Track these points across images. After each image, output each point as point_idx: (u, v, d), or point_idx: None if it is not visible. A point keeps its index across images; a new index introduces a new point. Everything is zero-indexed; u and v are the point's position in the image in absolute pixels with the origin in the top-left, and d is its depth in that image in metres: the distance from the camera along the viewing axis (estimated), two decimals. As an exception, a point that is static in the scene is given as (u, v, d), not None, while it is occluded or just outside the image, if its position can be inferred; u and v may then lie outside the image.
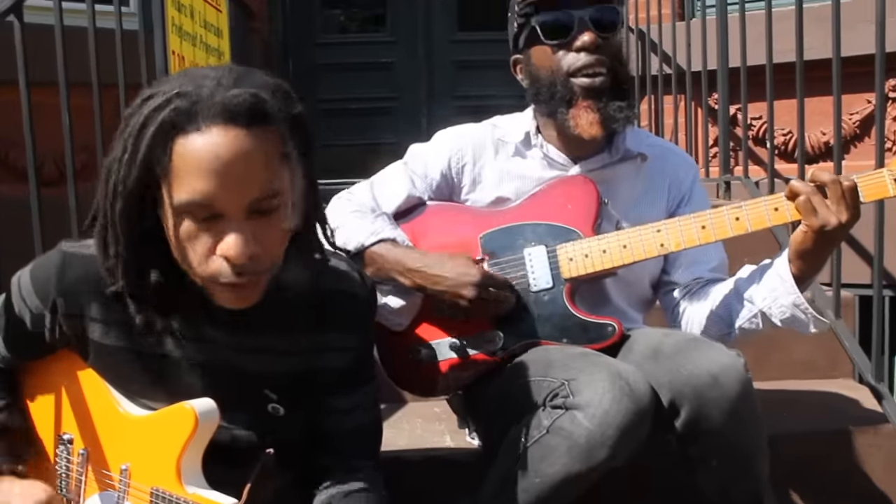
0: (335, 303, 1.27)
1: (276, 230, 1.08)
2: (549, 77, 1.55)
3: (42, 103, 1.98)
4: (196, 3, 2.99)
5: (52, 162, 3.19)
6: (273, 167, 1.05)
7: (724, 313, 1.55)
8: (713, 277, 1.63)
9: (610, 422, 1.27)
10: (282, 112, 1.07)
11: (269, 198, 1.05)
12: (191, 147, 1.02)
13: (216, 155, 1.02)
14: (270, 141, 1.05)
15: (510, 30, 1.64)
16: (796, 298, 1.44)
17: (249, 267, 1.06)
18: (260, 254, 1.06)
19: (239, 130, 1.03)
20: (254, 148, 1.03)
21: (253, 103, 1.04)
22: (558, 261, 1.53)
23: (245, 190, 1.03)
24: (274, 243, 1.09)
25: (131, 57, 2.38)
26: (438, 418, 1.96)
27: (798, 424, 1.91)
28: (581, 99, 1.53)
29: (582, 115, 1.53)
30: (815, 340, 2.23)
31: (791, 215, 1.43)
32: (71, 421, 1.26)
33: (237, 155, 1.02)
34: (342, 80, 4.66)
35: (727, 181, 2.95)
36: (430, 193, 1.67)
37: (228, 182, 1.02)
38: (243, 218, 1.04)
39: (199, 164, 1.02)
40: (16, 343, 1.27)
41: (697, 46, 3.14)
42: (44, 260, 1.22)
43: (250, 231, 1.05)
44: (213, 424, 1.15)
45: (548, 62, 1.55)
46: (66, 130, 2.08)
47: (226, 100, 1.03)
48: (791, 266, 1.44)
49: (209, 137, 1.02)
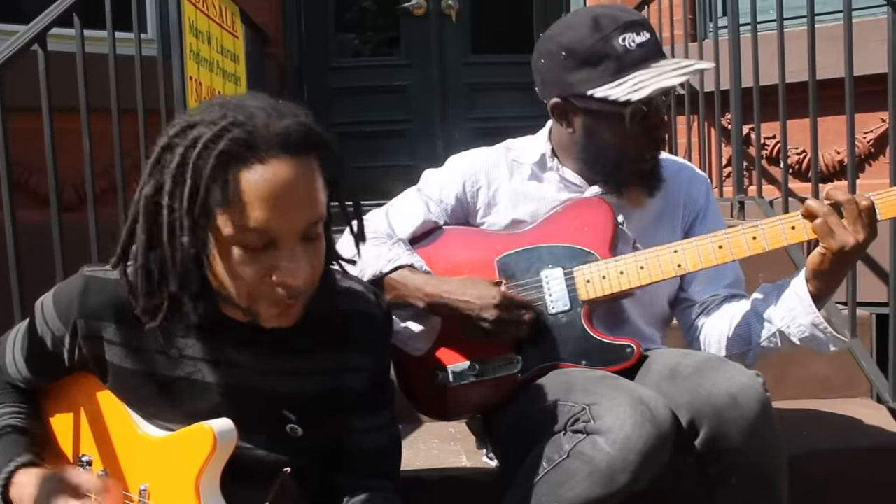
0: (353, 323, 1.29)
1: (319, 253, 1.13)
2: (617, 157, 1.56)
3: (61, 129, 2.02)
4: (213, 29, 3.04)
5: (72, 187, 3.23)
6: (319, 193, 1.10)
7: (744, 332, 1.55)
8: (730, 294, 1.63)
9: (631, 447, 1.26)
10: (320, 139, 1.11)
11: (317, 223, 1.10)
12: (251, 177, 1.04)
13: (275, 184, 1.05)
14: (315, 168, 1.10)
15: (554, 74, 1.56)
16: (815, 318, 1.44)
17: (302, 290, 1.10)
18: (310, 276, 1.10)
19: (293, 159, 1.07)
20: (305, 175, 1.08)
21: (304, 132, 1.08)
22: (575, 283, 1.53)
23: (301, 217, 1.08)
24: (318, 265, 1.13)
25: (150, 83, 2.42)
26: (454, 438, 1.96)
27: (818, 443, 1.89)
28: (639, 177, 1.59)
29: (634, 191, 1.60)
30: (833, 359, 2.22)
31: (808, 234, 1.42)
32: (90, 442, 1.28)
33: (294, 183, 1.06)
34: (357, 103, 4.70)
35: (741, 201, 2.95)
36: (445, 217, 1.67)
37: (286, 210, 1.06)
38: (297, 244, 1.08)
39: (259, 194, 1.04)
40: (37, 365, 1.29)
41: (710, 67, 3.15)
42: (66, 284, 1.25)
43: (303, 256, 1.09)
44: (231, 444, 1.16)
45: (619, 143, 1.54)
46: (86, 156, 2.12)
47: (281, 129, 1.06)
48: (809, 286, 1.44)
49: (270, 168, 1.05)
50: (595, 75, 1.51)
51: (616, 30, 1.49)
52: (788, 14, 2.58)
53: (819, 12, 2.44)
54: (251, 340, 1.22)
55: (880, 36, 2.13)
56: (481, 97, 4.70)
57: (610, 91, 1.49)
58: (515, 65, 1.67)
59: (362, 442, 1.32)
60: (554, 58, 1.56)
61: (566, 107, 1.57)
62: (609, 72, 1.49)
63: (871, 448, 1.88)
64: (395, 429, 1.38)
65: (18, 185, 3.27)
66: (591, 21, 1.51)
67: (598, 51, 1.50)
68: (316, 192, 1.10)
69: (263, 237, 1.07)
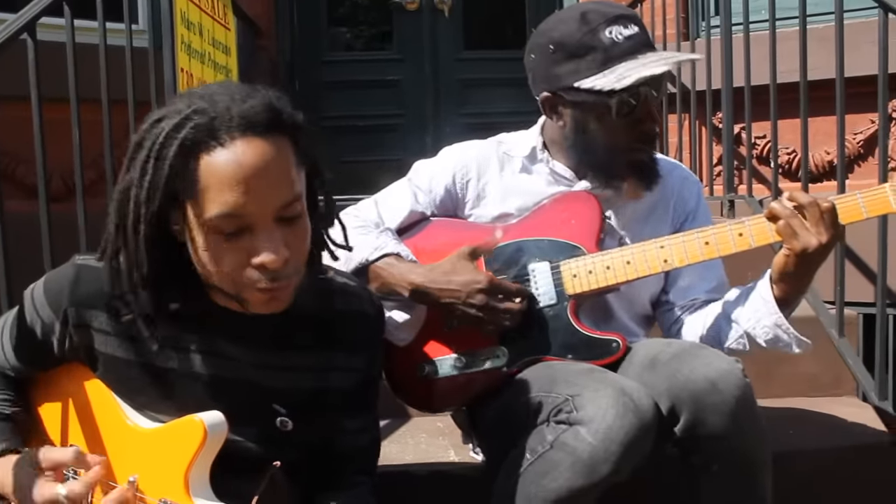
0: (345, 322, 1.29)
1: (300, 234, 1.11)
2: (607, 151, 1.56)
3: (50, 119, 2.01)
4: (205, 21, 3.03)
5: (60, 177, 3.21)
6: (292, 172, 1.09)
7: (714, 333, 1.56)
8: (709, 298, 1.64)
9: (613, 437, 1.27)
10: (291, 119, 1.10)
11: (292, 203, 1.08)
12: (215, 162, 1.04)
13: (241, 165, 1.04)
14: (287, 147, 1.09)
15: (544, 68, 1.58)
16: (777, 319, 1.45)
17: (283, 272, 1.09)
18: (291, 258, 1.09)
19: (259, 139, 1.05)
20: (274, 155, 1.06)
21: (269, 112, 1.07)
22: (562, 277, 1.53)
23: (272, 197, 1.06)
24: (300, 247, 1.12)
25: (141, 74, 2.41)
26: (442, 433, 1.96)
27: (804, 441, 1.91)
28: (633, 170, 1.58)
29: (628, 184, 1.60)
30: (820, 358, 2.23)
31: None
32: (78, 433, 1.27)
33: (261, 164, 1.05)
34: (349, 97, 4.69)
35: (731, 200, 2.96)
36: (433, 209, 1.67)
37: (256, 191, 1.05)
38: (272, 225, 1.07)
39: (225, 177, 1.04)
40: (26, 353, 1.28)
41: (702, 66, 3.17)
42: (57, 272, 1.24)
43: (280, 237, 1.07)
44: (221, 437, 1.16)
45: (608, 136, 1.55)
46: (76, 147, 2.11)
47: (243, 111, 1.06)
48: (774, 288, 1.45)
49: (232, 149, 1.04)
50: (582, 67, 1.52)
51: (603, 23, 1.50)
52: (780, 14, 2.60)
53: (811, 13, 2.46)
54: (243, 333, 1.22)
55: (871, 38, 2.14)
56: (473, 93, 4.70)
57: (596, 81, 1.50)
58: (508, 60, 1.67)
59: (348, 442, 1.32)
60: (543, 52, 1.57)
61: (555, 101, 1.58)
62: (595, 63, 1.50)
63: (857, 446, 1.90)
64: (377, 431, 1.39)
65: (5, 175, 3.26)
66: (580, 15, 1.53)
67: (585, 43, 1.51)
68: (287, 171, 1.08)
69: (237, 221, 1.06)
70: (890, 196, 1.41)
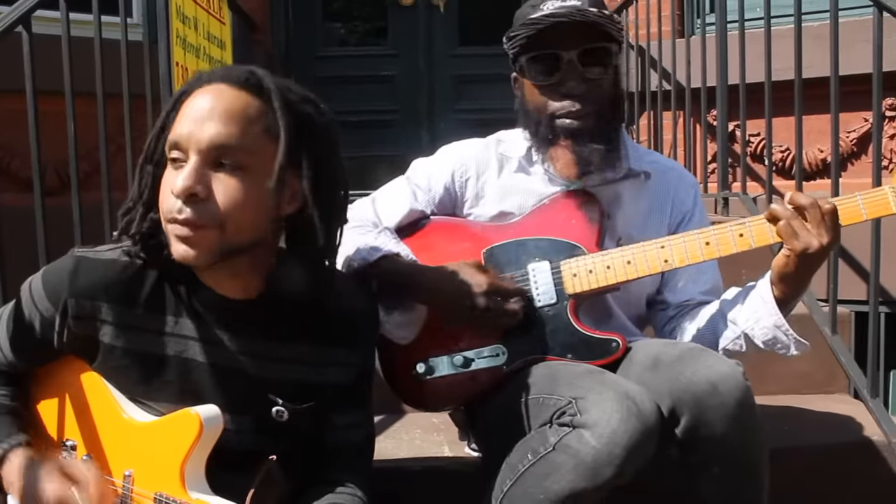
0: (342, 318, 1.29)
1: (232, 189, 1.12)
2: (535, 115, 1.58)
3: (44, 112, 2.00)
4: (200, 15, 3.02)
5: (54, 170, 3.20)
6: (247, 127, 1.13)
7: (710, 334, 1.56)
8: (704, 300, 1.64)
9: (617, 441, 1.27)
10: (280, 96, 1.15)
11: (231, 150, 1.12)
12: (188, 101, 1.16)
13: (196, 101, 1.15)
14: (256, 107, 1.14)
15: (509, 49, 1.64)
16: (777, 320, 1.46)
17: (192, 210, 1.11)
18: (202, 197, 1.11)
19: (227, 87, 1.15)
20: (233, 100, 1.14)
21: (248, 73, 1.16)
22: (562, 276, 1.53)
23: (207, 131, 1.12)
24: (227, 200, 1.12)
25: (136, 67, 2.40)
26: (437, 429, 1.96)
27: (797, 438, 1.92)
28: (561, 139, 1.57)
29: (560, 156, 1.59)
30: (813, 356, 2.24)
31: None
32: (74, 427, 1.28)
33: (212, 102, 1.13)
34: (343, 92, 4.67)
35: (725, 197, 2.97)
36: (432, 207, 1.67)
37: (197, 123, 1.12)
38: (201, 160, 1.12)
39: (185, 110, 1.15)
40: (24, 347, 1.29)
41: (697, 63, 3.17)
42: (56, 265, 1.25)
43: (204, 175, 1.11)
44: (216, 430, 1.16)
45: (534, 99, 1.59)
46: (70, 140, 2.10)
47: (227, 68, 1.18)
48: (774, 289, 1.46)
49: (203, 90, 1.15)
50: (515, 37, 1.58)
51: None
52: (776, 12, 2.60)
53: (806, 11, 2.46)
54: (235, 321, 1.23)
55: (866, 36, 2.14)
56: (468, 89, 4.69)
57: (510, 45, 1.59)
58: (503, 56, 1.67)
59: (339, 437, 1.33)
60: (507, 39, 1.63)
61: (515, 79, 1.66)
62: (524, 31, 1.56)
63: (850, 443, 1.91)
64: (371, 427, 1.39)
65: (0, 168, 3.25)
66: None
67: (523, 14, 1.58)
68: (237, 119, 1.13)
69: (178, 150, 1.13)
70: (890, 198, 1.41)
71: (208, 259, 1.14)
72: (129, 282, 1.22)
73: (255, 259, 1.20)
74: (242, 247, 1.16)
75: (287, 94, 1.17)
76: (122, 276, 1.21)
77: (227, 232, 1.13)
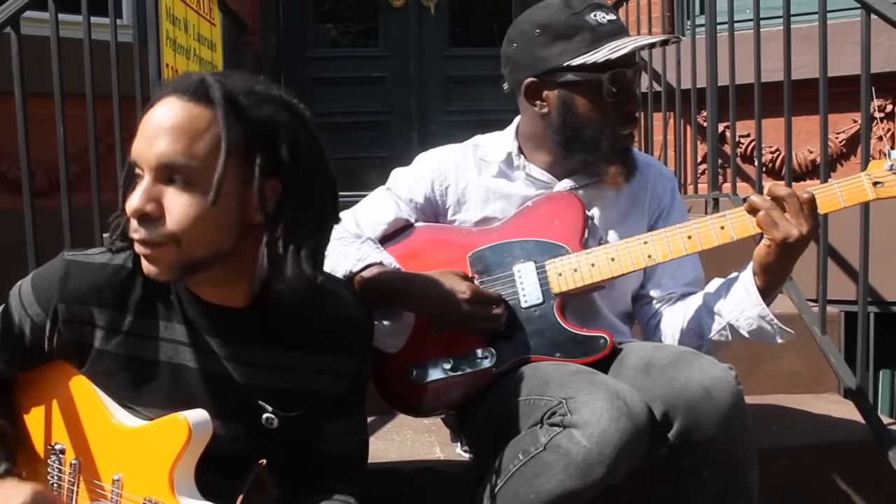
0: (334, 327, 1.29)
1: (183, 205, 1.10)
2: (595, 131, 1.56)
3: (34, 114, 1.99)
4: (190, 16, 3.02)
5: (44, 173, 3.19)
6: (193, 141, 1.10)
7: (696, 326, 1.57)
8: (686, 291, 1.65)
9: (608, 441, 1.27)
10: (231, 103, 1.11)
11: (179, 167, 1.10)
12: (146, 115, 1.14)
13: (149, 116, 1.13)
14: (204, 120, 1.11)
15: (528, 53, 1.59)
16: (762, 310, 1.47)
17: (146, 229, 1.11)
18: (154, 216, 1.10)
19: (178, 100, 1.12)
20: (179, 115, 1.11)
21: (198, 82, 1.13)
22: (547, 276, 1.54)
23: (157, 147, 1.10)
24: (179, 217, 1.10)
25: (126, 69, 2.40)
26: (428, 430, 1.97)
27: (787, 438, 1.93)
28: (618, 155, 1.59)
29: (613, 170, 1.58)
30: (802, 356, 2.26)
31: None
32: (62, 431, 1.27)
33: (163, 117, 1.12)
34: (334, 94, 4.68)
35: (715, 198, 2.98)
36: (416, 215, 1.67)
37: (147, 138, 1.12)
38: (152, 178, 1.11)
39: (141, 126, 1.14)
40: (12, 353, 1.27)
41: (687, 65, 3.18)
42: (45, 269, 1.24)
43: (155, 193, 1.11)
44: (206, 435, 1.16)
45: (596, 115, 1.56)
46: (60, 141, 2.09)
47: (182, 77, 1.16)
48: (756, 279, 1.47)
49: (158, 104, 1.14)
50: (571, 47, 1.55)
51: (587, 7, 1.55)
52: (765, 14, 2.61)
53: (795, 13, 2.47)
54: (224, 327, 1.22)
55: (854, 38, 2.16)
56: (459, 90, 4.70)
57: (588, 57, 1.53)
58: (494, 58, 1.67)
59: (332, 446, 1.33)
60: (527, 37, 1.59)
61: (540, 85, 1.59)
62: (584, 43, 1.54)
63: (838, 443, 1.92)
64: (365, 434, 1.39)
65: (-12, 170, 3.24)
66: (563, 1, 1.57)
67: (572, 24, 1.54)
68: (188, 134, 1.10)
69: (135, 167, 1.13)
70: (866, 185, 1.44)
71: (170, 275, 1.14)
72: (120, 286, 1.21)
73: (234, 267, 1.18)
74: (205, 260, 1.14)
75: (240, 99, 1.13)
76: (113, 281, 1.20)
77: (184, 248, 1.11)
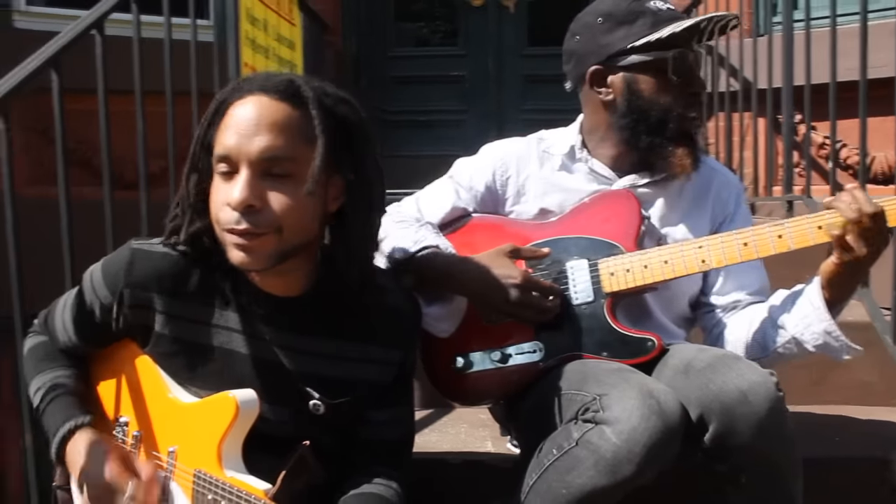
0: (382, 317, 1.34)
1: (284, 196, 1.18)
2: (662, 112, 1.58)
3: (124, 111, 2.11)
4: (270, 17, 3.12)
5: (133, 167, 3.34)
6: (291, 137, 1.19)
7: (760, 338, 1.55)
8: (751, 301, 1.62)
9: (637, 438, 1.27)
10: (319, 103, 1.20)
11: (280, 161, 1.18)
12: (231, 111, 1.21)
13: (240, 113, 1.20)
14: (297, 117, 1.20)
15: (592, 42, 1.63)
16: (828, 325, 1.44)
17: (250, 220, 1.17)
18: (258, 207, 1.17)
19: (267, 98, 1.20)
20: (276, 113, 1.19)
21: (287, 83, 1.20)
22: (599, 275, 1.54)
23: (253, 144, 1.17)
24: (281, 207, 1.18)
25: (205, 68, 2.51)
26: (483, 424, 1.99)
27: (847, 449, 1.87)
28: (686, 137, 1.59)
29: (680, 152, 1.58)
30: (876, 366, 2.17)
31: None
32: (128, 405, 1.36)
33: (255, 114, 1.19)
34: (413, 92, 4.75)
35: (790, 200, 2.90)
36: (475, 205, 1.70)
37: (243, 136, 1.18)
38: (252, 172, 1.17)
39: (229, 122, 1.20)
40: (85, 331, 1.37)
41: (764, 63, 3.10)
42: (114, 255, 1.33)
43: (257, 186, 1.17)
44: (253, 413, 1.22)
45: (662, 96, 1.58)
46: (139, 136, 2.21)
47: (265, 78, 1.23)
48: (823, 293, 1.44)
49: (244, 101, 1.20)
50: (634, 31, 1.59)
51: None
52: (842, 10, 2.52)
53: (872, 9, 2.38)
54: (281, 318, 1.29)
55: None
56: (537, 88, 4.70)
57: (651, 37, 1.57)
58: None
59: (376, 433, 1.37)
60: (590, 27, 1.63)
61: (605, 71, 1.62)
62: (647, 26, 1.58)
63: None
64: (411, 423, 1.43)
65: (82, 162, 3.41)
66: None
67: (634, 10, 1.59)
68: (281, 129, 1.18)
69: (228, 162, 1.18)
70: None
71: (265, 263, 1.21)
72: (179, 275, 1.28)
73: (301, 258, 1.26)
74: (297, 248, 1.22)
75: (324, 99, 1.22)
76: (173, 270, 1.28)
77: (284, 236, 1.19)
